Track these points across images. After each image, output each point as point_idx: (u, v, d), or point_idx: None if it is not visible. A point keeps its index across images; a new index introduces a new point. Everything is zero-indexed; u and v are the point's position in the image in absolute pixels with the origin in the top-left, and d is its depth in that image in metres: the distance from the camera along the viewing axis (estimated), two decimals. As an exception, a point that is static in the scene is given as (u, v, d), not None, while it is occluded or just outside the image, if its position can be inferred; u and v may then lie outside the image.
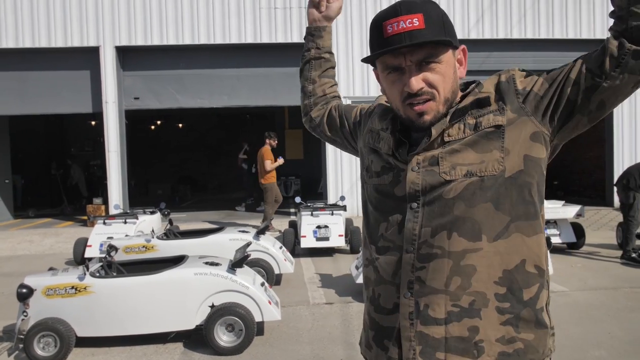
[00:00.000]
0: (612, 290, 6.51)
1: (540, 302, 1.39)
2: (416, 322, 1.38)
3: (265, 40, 12.47)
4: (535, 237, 1.38)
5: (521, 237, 1.36)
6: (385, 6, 1.55)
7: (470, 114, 1.38)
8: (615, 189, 8.58)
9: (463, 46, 1.44)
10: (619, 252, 8.26)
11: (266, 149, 10.85)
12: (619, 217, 11.35)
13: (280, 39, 12.48)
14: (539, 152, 1.38)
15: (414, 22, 1.32)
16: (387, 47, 1.36)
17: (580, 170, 15.29)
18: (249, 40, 12.45)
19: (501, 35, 12.75)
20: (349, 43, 12.63)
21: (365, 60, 1.44)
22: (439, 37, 1.34)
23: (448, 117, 1.40)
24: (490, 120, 1.35)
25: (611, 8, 1.32)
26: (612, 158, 13.21)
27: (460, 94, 1.46)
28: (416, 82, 1.35)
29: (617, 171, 12.93)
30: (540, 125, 1.37)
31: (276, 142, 11.20)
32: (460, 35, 12.30)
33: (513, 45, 12.92)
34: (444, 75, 1.37)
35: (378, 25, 1.38)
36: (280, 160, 10.81)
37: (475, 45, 12.74)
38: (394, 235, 1.44)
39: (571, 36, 12.77)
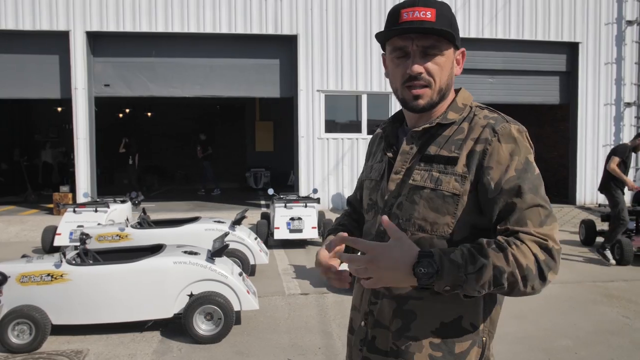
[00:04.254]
0: (576, 284, 6.75)
1: (469, 357, 1.48)
2: (364, 348, 1.58)
3: (240, 30, 12.38)
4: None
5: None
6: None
7: (437, 167, 1.49)
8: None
9: (463, 49, 1.58)
10: (582, 249, 8.53)
11: None
12: (582, 215, 11.75)
13: (255, 30, 12.42)
14: (484, 223, 1.46)
15: (427, 14, 1.47)
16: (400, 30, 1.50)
17: (544, 168, 15.66)
18: (224, 30, 12.34)
19: (473, 35, 12.95)
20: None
21: (378, 37, 1.56)
22: (446, 29, 1.46)
23: (415, 147, 1.55)
24: (450, 186, 1.46)
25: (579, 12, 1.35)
26: (575, 157, 13.59)
27: (450, 98, 1.58)
28: (418, 67, 1.49)
29: (580, 170, 13.34)
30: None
31: None
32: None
33: (484, 44, 13.13)
34: (443, 67, 1.51)
35: (396, 12, 1.52)
36: None
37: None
38: None
39: (540, 38, 13.06)
